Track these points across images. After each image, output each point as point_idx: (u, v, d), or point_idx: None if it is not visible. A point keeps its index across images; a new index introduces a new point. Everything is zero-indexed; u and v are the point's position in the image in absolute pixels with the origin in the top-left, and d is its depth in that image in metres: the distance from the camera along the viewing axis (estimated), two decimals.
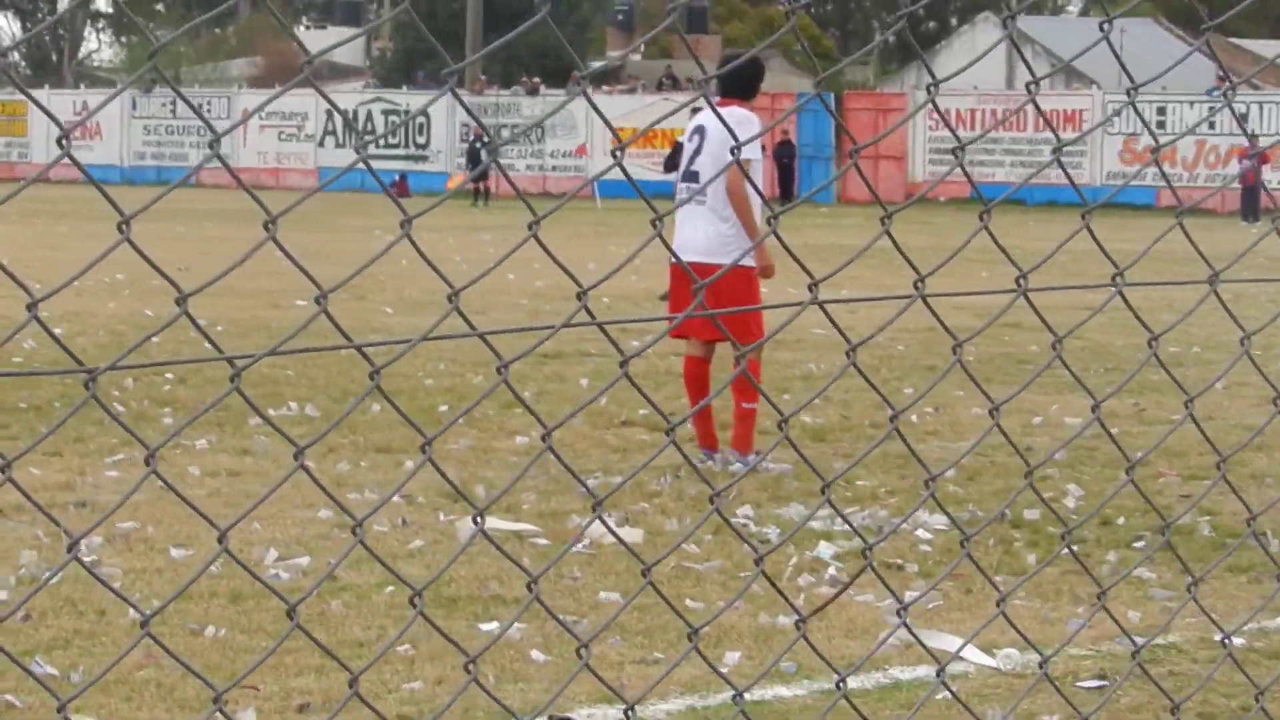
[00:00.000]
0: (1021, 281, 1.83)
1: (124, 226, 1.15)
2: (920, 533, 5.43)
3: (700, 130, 6.67)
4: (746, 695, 1.92)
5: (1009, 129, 30.76)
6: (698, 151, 6.66)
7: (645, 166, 25.65)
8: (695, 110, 7.10)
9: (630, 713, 1.68)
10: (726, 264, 4.94)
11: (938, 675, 2.08)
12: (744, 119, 6.25)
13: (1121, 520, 5.67)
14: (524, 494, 5.92)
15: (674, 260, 4.21)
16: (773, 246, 2.85)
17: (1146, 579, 4.82)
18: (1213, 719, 3.65)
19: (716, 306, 5.40)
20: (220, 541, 1.36)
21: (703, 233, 6.43)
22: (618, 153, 1.57)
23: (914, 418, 7.46)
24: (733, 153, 1.81)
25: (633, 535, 5.28)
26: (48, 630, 4.17)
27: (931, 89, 1.69)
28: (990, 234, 1.77)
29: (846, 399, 8.09)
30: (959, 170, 1.93)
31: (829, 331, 5.90)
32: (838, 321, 1.82)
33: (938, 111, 1.82)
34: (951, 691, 2.50)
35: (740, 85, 6.62)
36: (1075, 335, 2.37)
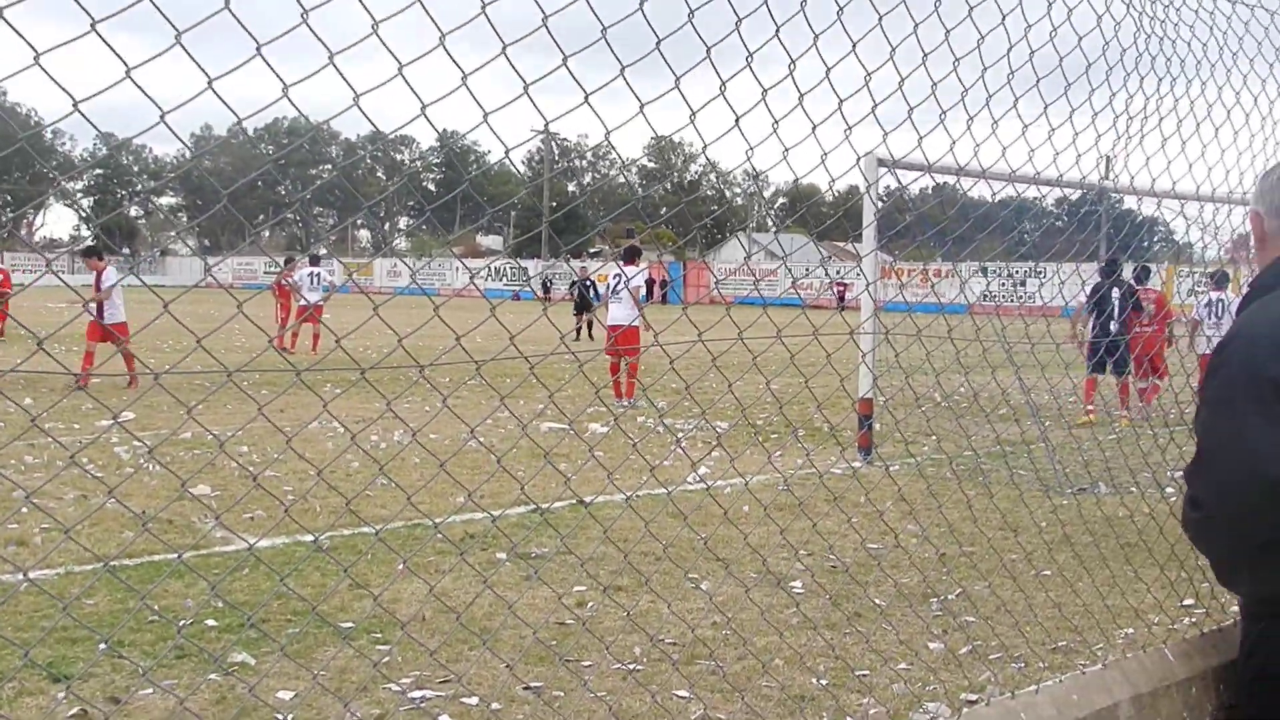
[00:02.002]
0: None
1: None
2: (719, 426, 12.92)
3: (621, 274, 16.25)
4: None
5: None
6: (619, 281, 16.15)
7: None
8: (620, 267, 16.48)
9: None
10: (626, 324, 14.20)
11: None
12: (637, 271, 16.35)
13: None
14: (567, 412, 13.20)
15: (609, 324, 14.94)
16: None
17: None
18: None
19: (623, 342, 14.12)
20: None
21: (620, 312, 15.83)
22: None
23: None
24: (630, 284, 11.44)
25: (604, 428, 12.77)
26: None
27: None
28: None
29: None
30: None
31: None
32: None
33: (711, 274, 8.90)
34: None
35: (631, 257, 16.83)
36: None
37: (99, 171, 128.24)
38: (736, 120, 3.61)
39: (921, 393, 7.33)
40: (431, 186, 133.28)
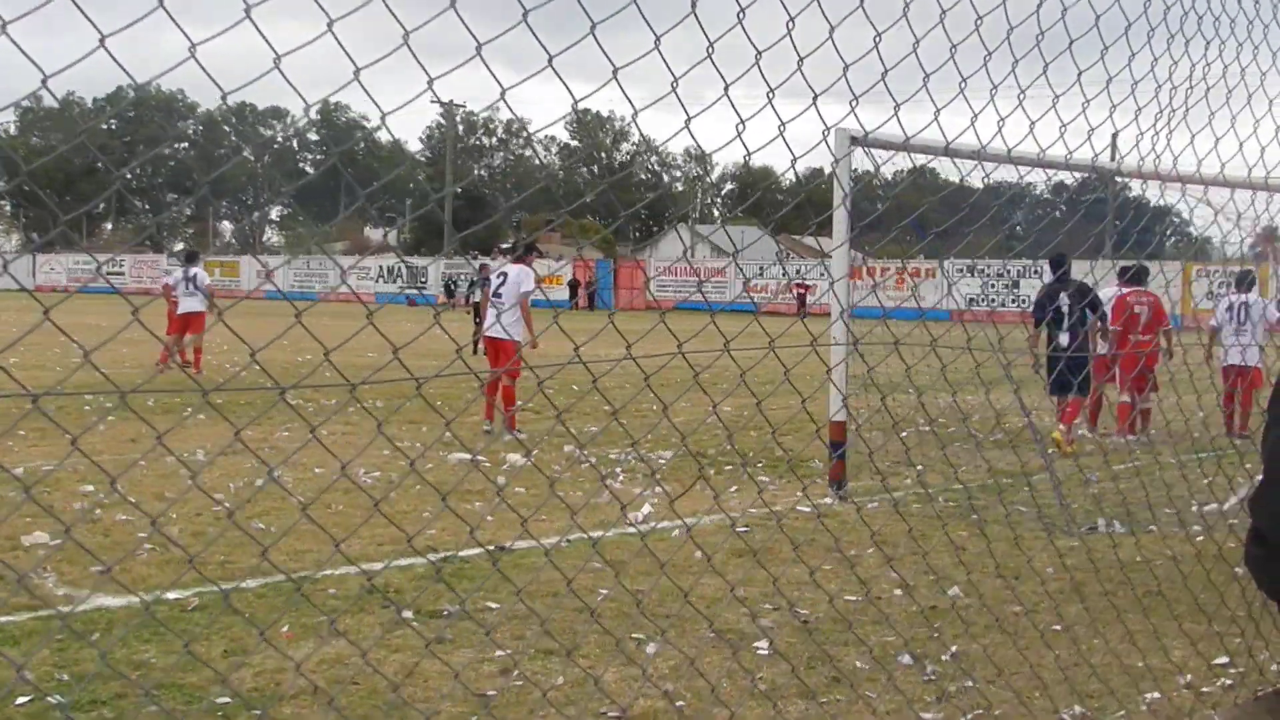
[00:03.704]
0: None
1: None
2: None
3: (504, 274, 16.45)
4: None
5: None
6: (502, 284, 16.32)
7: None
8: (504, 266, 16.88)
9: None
10: (505, 337, 15.59)
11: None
12: (525, 271, 16.52)
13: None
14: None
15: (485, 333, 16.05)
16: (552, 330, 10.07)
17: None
18: None
19: (501, 356, 15.28)
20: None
21: (500, 322, 15.95)
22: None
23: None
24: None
25: (523, 459, 12.77)
26: None
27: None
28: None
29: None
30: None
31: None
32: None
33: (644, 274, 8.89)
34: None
35: (522, 257, 18.37)
36: None
37: None
38: (674, 83, 3.56)
39: (901, 415, 7.36)
40: (309, 169, 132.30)
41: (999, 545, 8.98)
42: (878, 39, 4.12)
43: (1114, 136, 5.66)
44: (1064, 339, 14.94)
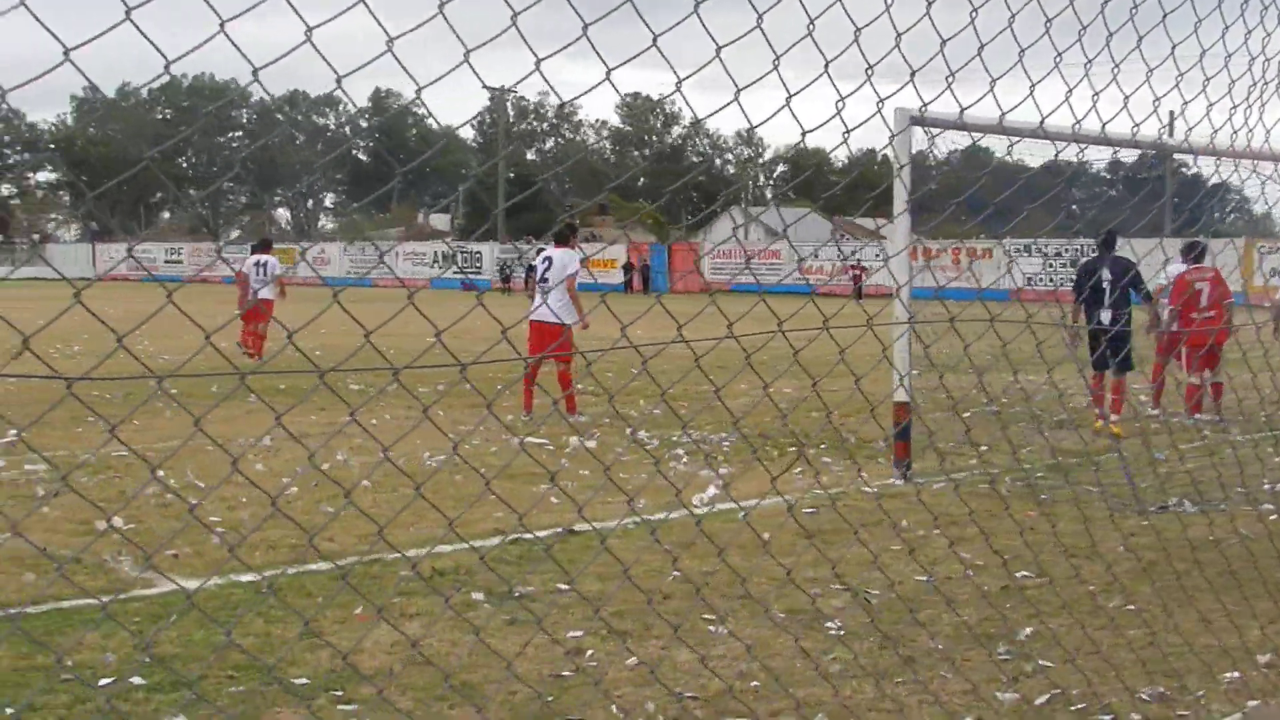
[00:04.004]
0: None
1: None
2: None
3: (549, 258, 16.40)
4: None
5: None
6: (548, 267, 16.39)
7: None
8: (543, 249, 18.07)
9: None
10: (546, 320, 15.70)
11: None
12: (570, 254, 16.48)
13: None
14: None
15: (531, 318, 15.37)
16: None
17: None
18: None
19: (547, 340, 15.30)
20: None
21: (546, 306, 15.87)
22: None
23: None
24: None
25: (588, 441, 12.82)
26: None
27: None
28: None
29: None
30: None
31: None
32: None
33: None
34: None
35: (564, 239, 17.42)
36: None
37: None
38: (717, 51, 3.54)
39: (961, 395, 7.32)
40: (363, 156, 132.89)
41: (1066, 525, 8.94)
42: (930, 5, 4.08)
43: (1173, 114, 5.61)
44: (1105, 316, 14.61)
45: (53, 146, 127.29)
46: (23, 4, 2.25)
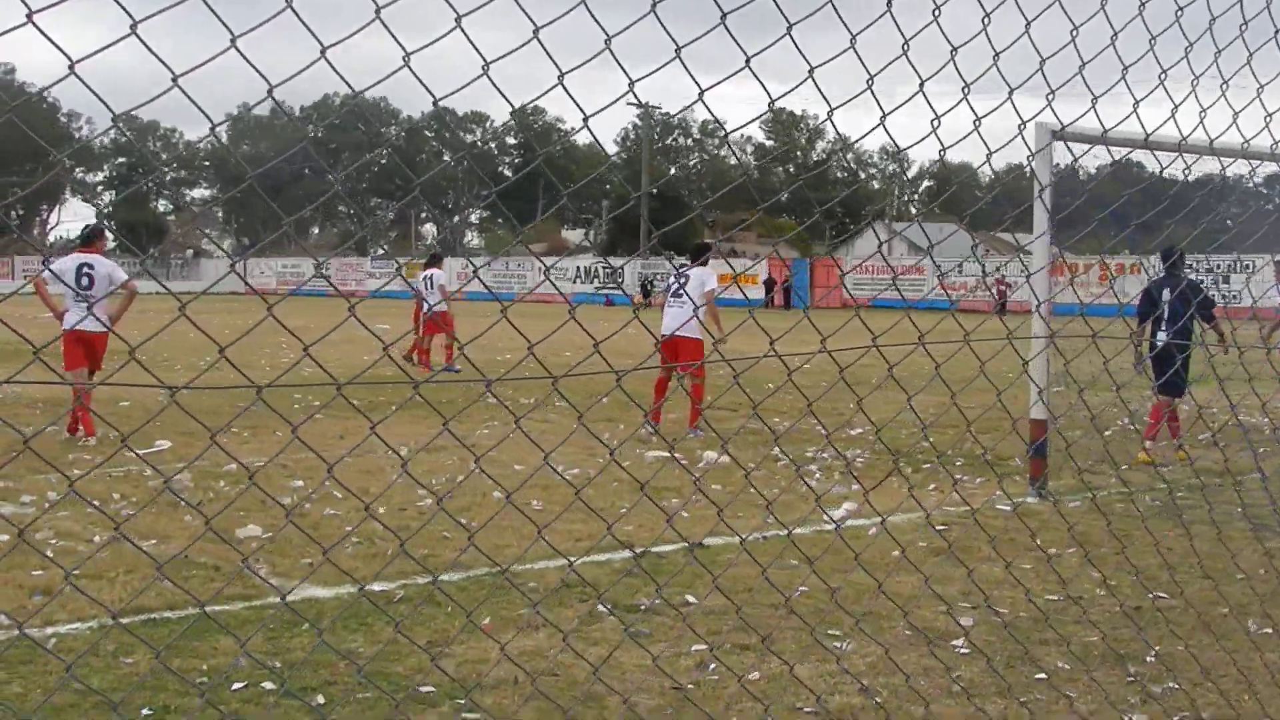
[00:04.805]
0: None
1: None
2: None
3: (686, 275, 16.87)
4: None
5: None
6: (683, 283, 16.76)
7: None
8: (682, 267, 18.24)
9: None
10: (685, 334, 15.71)
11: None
12: (707, 271, 16.72)
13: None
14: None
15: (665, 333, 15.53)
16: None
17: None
18: None
19: (682, 354, 15.23)
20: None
21: (678, 319, 15.96)
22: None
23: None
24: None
25: (719, 456, 12.80)
26: None
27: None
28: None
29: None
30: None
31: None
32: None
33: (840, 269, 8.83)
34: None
35: (699, 258, 17.13)
36: None
37: (120, 160, 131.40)
38: (870, 80, 3.57)
39: (1099, 411, 7.20)
40: (508, 172, 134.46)
41: (1204, 545, 8.75)
42: (1075, 32, 4.07)
43: None
44: (1161, 336, 13.78)
45: (207, 164, 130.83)
46: (133, 33, 2.32)
